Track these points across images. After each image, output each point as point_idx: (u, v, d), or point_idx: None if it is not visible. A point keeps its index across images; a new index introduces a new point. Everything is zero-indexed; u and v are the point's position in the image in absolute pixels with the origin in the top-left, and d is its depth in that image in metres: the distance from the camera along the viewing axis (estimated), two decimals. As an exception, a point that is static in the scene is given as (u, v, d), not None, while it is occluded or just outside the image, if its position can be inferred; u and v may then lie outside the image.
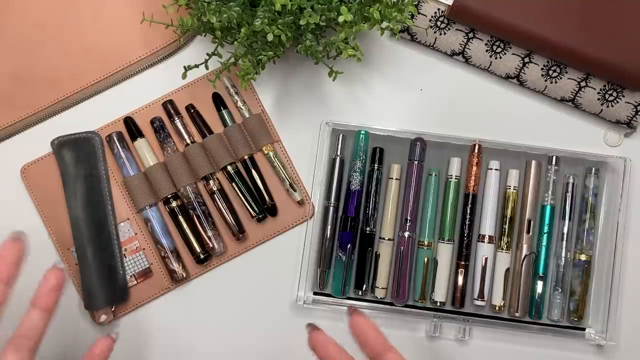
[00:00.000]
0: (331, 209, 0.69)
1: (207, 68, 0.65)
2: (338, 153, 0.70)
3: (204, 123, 0.71)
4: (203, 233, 0.69)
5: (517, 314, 0.69)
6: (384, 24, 0.63)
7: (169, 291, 0.70)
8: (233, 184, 0.70)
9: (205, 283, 0.71)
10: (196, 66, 0.65)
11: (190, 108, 0.71)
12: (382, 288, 0.69)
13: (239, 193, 0.70)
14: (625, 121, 0.70)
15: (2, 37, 0.70)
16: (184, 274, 0.69)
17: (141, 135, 0.71)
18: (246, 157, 0.70)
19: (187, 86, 0.71)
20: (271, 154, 0.71)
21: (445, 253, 0.69)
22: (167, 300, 0.70)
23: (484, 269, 0.69)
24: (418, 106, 0.72)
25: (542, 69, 0.70)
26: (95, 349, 0.59)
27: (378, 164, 0.70)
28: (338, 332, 0.56)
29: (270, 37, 0.59)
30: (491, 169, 0.70)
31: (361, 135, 0.69)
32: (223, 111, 0.71)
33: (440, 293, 0.69)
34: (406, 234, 0.69)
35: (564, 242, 0.70)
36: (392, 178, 0.70)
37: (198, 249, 0.69)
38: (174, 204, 0.70)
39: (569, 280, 0.70)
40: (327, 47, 0.62)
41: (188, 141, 0.70)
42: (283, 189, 0.71)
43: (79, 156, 0.70)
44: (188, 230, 0.69)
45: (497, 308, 0.69)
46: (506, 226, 0.69)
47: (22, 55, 0.70)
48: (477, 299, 0.69)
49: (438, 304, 0.69)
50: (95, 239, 0.69)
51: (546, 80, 0.70)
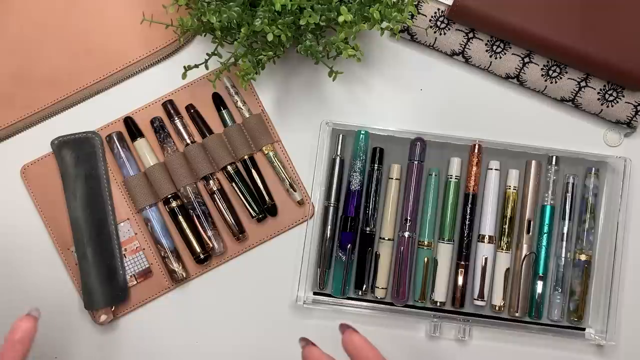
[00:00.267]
0: (331, 209, 0.69)
1: (207, 68, 0.65)
2: (338, 153, 0.70)
3: (204, 123, 0.71)
4: (203, 233, 0.69)
5: (517, 314, 0.69)
6: (384, 24, 0.63)
7: (169, 291, 0.70)
8: (233, 184, 0.70)
9: (205, 283, 0.71)
10: (196, 66, 0.65)
11: (190, 108, 0.71)
12: (382, 288, 0.69)
13: (239, 193, 0.70)
14: (625, 121, 0.70)
15: (2, 37, 0.70)
16: (184, 274, 0.69)
17: (141, 135, 0.71)
18: (246, 157, 0.70)
19: (187, 86, 0.71)
20: (271, 154, 0.70)
21: (445, 253, 0.69)
22: (167, 300, 0.70)
23: (484, 269, 0.69)
24: (418, 106, 0.72)
25: (542, 69, 0.70)
26: (14, 334, 0.50)
27: (378, 164, 0.70)
28: (338, 333, 0.56)
29: (270, 37, 0.59)
30: (491, 169, 0.70)
31: (361, 135, 0.69)
32: (223, 111, 0.71)
33: (440, 293, 0.69)
34: (406, 234, 0.69)
35: (564, 242, 0.70)
36: (392, 178, 0.70)
37: (198, 249, 0.69)
38: (174, 204, 0.70)
39: (569, 280, 0.70)
40: (327, 47, 0.62)
41: (188, 141, 0.70)
42: (283, 189, 0.71)
43: (79, 156, 0.70)
44: (188, 230, 0.69)
45: (497, 308, 0.69)
46: (506, 226, 0.69)
47: (22, 55, 0.70)
48: (477, 299, 0.69)
49: (438, 304, 0.69)
50: (95, 239, 0.69)
51: (546, 80, 0.70)
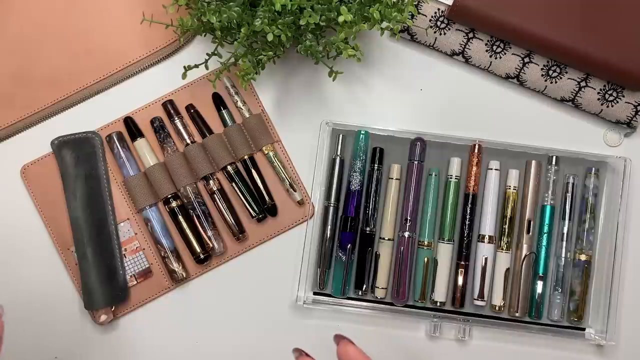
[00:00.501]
0: (331, 209, 0.69)
1: (207, 68, 0.65)
2: (338, 153, 0.70)
3: (204, 123, 0.71)
4: (203, 233, 0.69)
5: (517, 314, 0.69)
6: (384, 24, 0.63)
7: (169, 291, 0.70)
8: (233, 184, 0.70)
9: (205, 283, 0.71)
10: (196, 66, 0.65)
11: (190, 108, 0.71)
12: (382, 288, 0.69)
13: (239, 193, 0.70)
14: (625, 121, 0.70)
15: (2, 37, 0.70)
16: (184, 274, 0.69)
17: (141, 135, 0.71)
18: (246, 157, 0.70)
19: (187, 86, 0.71)
20: (271, 154, 0.70)
21: (445, 253, 0.69)
22: (167, 300, 0.70)
23: (484, 269, 0.69)
24: (418, 106, 0.72)
25: (542, 69, 0.70)
26: None
27: (378, 164, 0.70)
28: (338, 332, 0.56)
29: (270, 37, 0.59)
30: (491, 169, 0.70)
31: (361, 135, 0.69)
32: (223, 111, 0.71)
33: (440, 293, 0.69)
34: (406, 234, 0.69)
35: (564, 242, 0.70)
36: (392, 178, 0.70)
37: (198, 249, 0.69)
38: (174, 204, 0.70)
39: (569, 280, 0.70)
40: (327, 47, 0.62)
41: (188, 141, 0.70)
42: (283, 189, 0.71)
43: (79, 156, 0.70)
44: (188, 230, 0.69)
45: (497, 308, 0.69)
46: (506, 226, 0.69)
47: (22, 55, 0.70)
48: (477, 299, 0.69)
49: (438, 304, 0.69)
50: (95, 239, 0.69)
51: (546, 80, 0.70)
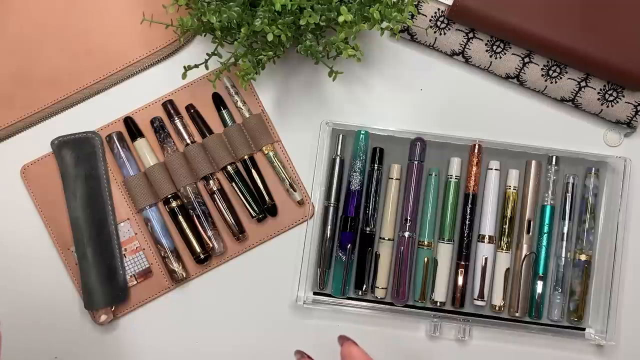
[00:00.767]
0: (331, 209, 0.69)
1: (207, 68, 0.65)
2: (338, 153, 0.70)
3: (204, 123, 0.71)
4: (203, 233, 0.69)
5: (517, 314, 0.69)
6: (384, 24, 0.63)
7: (169, 291, 0.70)
8: (233, 184, 0.70)
9: (205, 283, 0.70)
10: (196, 66, 0.65)
11: (190, 108, 0.71)
12: (382, 288, 0.69)
13: (239, 193, 0.70)
14: (625, 121, 0.70)
15: (2, 37, 0.70)
16: (184, 274, 0.69)
17: (141, 135, 0.71)
18: (246, 157, 0.70)
19: (187, 86, 0.71)
20: (271, 154, 0.70)
21: (445, 253, 0.69)
22: (167, 300, 0.70)
23: (484, 269, 0.69)
24: (418, 106, 0.72)
25: (542, 69, 0.70)
26: None
27: (378, 164, 0.70)
28: (338, 333, 0.56)
29: (270, 37, 0.59)
30: (491, 169, 0.70)
31: (361, 135, 0.69)
32: (223, 111, 0.71)
33: (440, 293, 0.69)
34: (406, 234, 0.69)
35: (564, 242, 0.70)
36: (392, 178, 0.70)
37: (198, 249, 0.69)
38: (174, 204, 0.70)
39: (569, 280, 0.70)
40: (327, 47, 0.62)
41: (188, 141, 0.70)
42: (283, 189, 0.71)
43: (79, 156, 0.70)
44: (188, 230, 0.69)
45: (497, 308, 0.69)
46: (506, 226, 0.69)
47: (22, 55, 0.70)
48: (477, 299, 0.69)
49: (438, 304, 0.69)
50: (95, 239, 0.69)
51: (546, 80, 0.70)
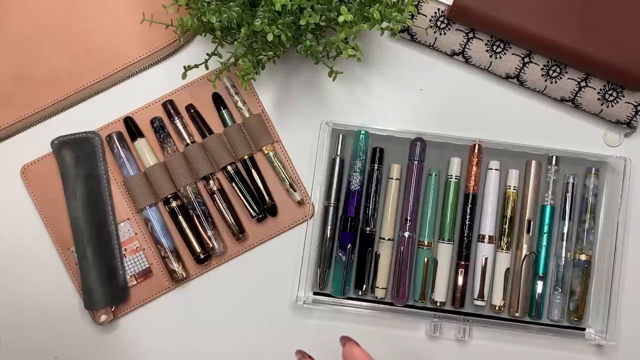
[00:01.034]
0: (331, 209, 0.69)
1: (207, 68, 0.65)
2: (338, 153, 0.70)
3: (204, 123, 0.71)
4: (203, 233, 0.69)
5: (517, 314, 0.69)
6: (384, 24, 0.63)
7: (169, 291, 0.70)
8: (233, 184, 0.70)
9: (205, 283, 0.71)
10: (196, 66, 0.65)
11: (190, 108, 0.71)
12: (382, 288, 0.69)
13: (239, 193, 0.70)
14: (625, 121, 0.70)
15: (2, 37, 0.70)
16: (184, 274, 0.69)
17: (141, 135, 0.71)
18: (246, 157, 0.70)
19: (187, 86, 0.71)
20: (271, 154, 0.70)
21: (445, 253, 0.69)
22: (167, 300, 0.70)
23: (484, 269, 0.69)
24: (418, 106, 0.72)
25: (542, 69, 0.70)
26: None
27: (378, 164, 0.70)
28: (338, 333, 0.56)
29: (270, 37, 0.59)
30: (491, 169, 0.70)
31: (361, 135, 0.69)
32: (223, 111, 0.71)
33: (440, 293, 0.69)
34: (406, 234, 0.69)
35: (564, 242, 0.70)
36: (392, 178, 0.70)
37: (198, 249, 0.69)
38: (174, 204, 0.70)
39: (569, 280, 0.70)
40: (327, 47, 0.62)
41: (188, 141, 0.70)
42: (283, 189, 0.71)
43: (79, 156, 0.70)
44: (188, 230, 0.69)
45: (497, 308, 0.69)
46: (506, 226, 0.69)
47: (22, 55, 0.70)
48: (477, 299, 0.69)
49: (438, 304, 0.69)
50: (95, 239, 0.69)
51: (546, 80, 0.70)
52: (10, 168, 0.71)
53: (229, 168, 0.70)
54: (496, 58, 0.70)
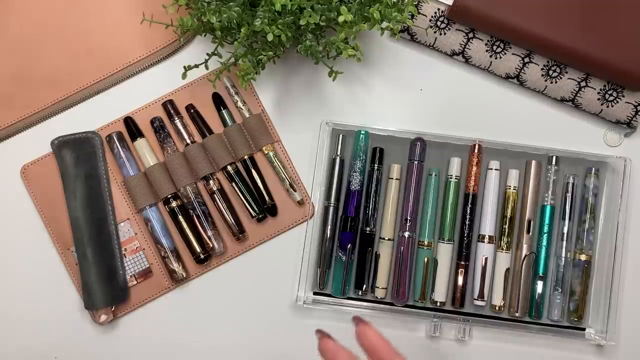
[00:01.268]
0: (331, 209, 0.69)
1: (207, 68, 0.65)
2: (338, 153, 0.70)
3: (204, 123, 0.71)
4: (203, 233, 0.69)
5: (517, 314, 0.69)
6: (384, 24, 0.63)
7: (169, 291, 0.70)
8: (233, 184, 0.70)
9: (205, 283, 0.70)
10: (196, 66, 0.65)
11: (190, 108, 0.71)
12: (382, 288, 0.69)
13: (239, 193, 0.70)
14: (625, 121, 0.70)
15: (2, 37, 0.70)
16: (184, 274, 0.69)
17: (141, 135, 0.71)
18: (246, 157, 0.70)
19: (187, 86, 0.71)
20: (271, 154, 0.70)
21: (445, 253, 0.69)
22: (167, 300, 0.70)
23: (484, 269, 0.69)
24: (418, 106, 0.72)
25: (542, 69, 0.70)
26: None
27: (378, 164, 0.70)
28: (338, 333, 0.55)
29: (270, 37, 0.59)
30: (491, 169, 0.70)
31: (361, 135, 0.69)
32: (223, 111, 0.71)
33: (440, 293, 0.69)
34: (406, 234, 0.69)
35: (564, 242, 0.70)
36: (392, 178, 0.70)
37: (198, 249, 0.69)
38: (174, 204, 0.70)
39: (569, 280, 0.70)
40: (327, 47, 0.62)
41: (188, 141, 0.70)
42: (283, 189, 0.71)
43: (79, 156, 0.70)
44: (188, 230, 0.69)
45: (497, 308, 0.69)
46: (506, 226, 0.69)
47: (22, 55, 0.70)
48: (477, 299, 0.69)
49: (438, 304, 0.69)
50: (95, 239, 0.69)
51: (546, 80, 0.70)
52: (10, 168, 0.71)
53: (229, 168, 0.70)
54: (496, 58, 0.70)
